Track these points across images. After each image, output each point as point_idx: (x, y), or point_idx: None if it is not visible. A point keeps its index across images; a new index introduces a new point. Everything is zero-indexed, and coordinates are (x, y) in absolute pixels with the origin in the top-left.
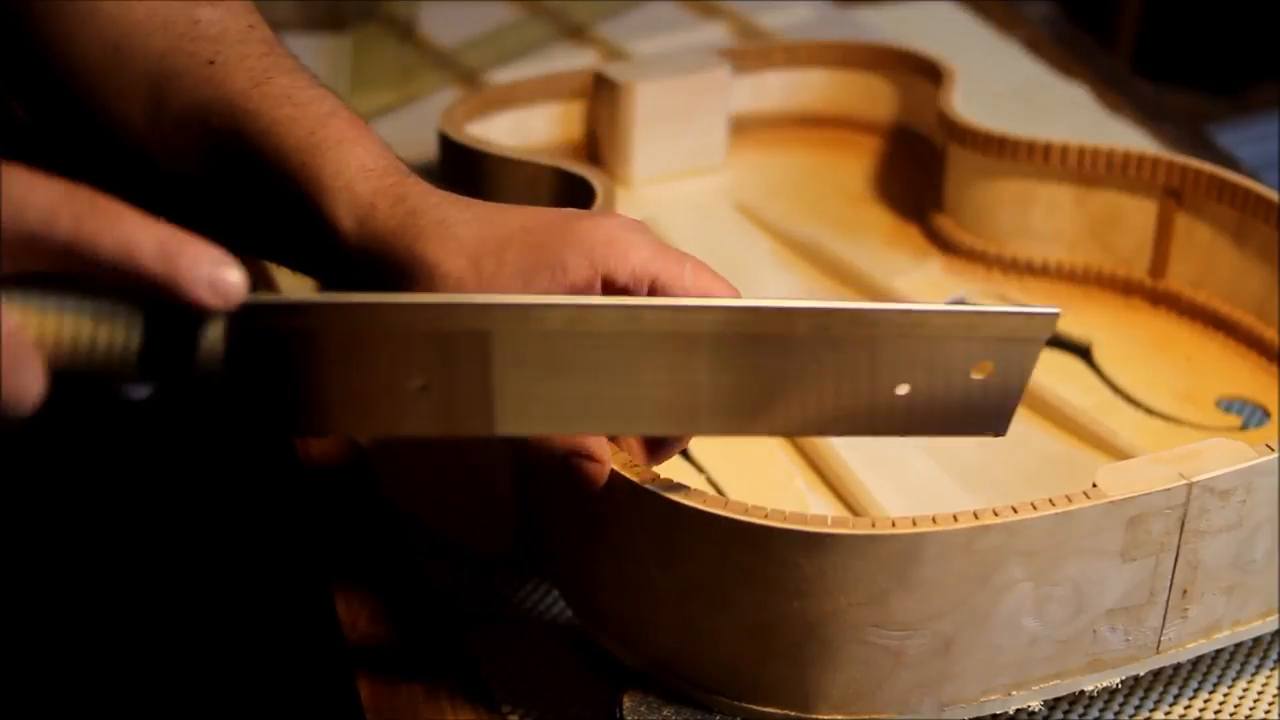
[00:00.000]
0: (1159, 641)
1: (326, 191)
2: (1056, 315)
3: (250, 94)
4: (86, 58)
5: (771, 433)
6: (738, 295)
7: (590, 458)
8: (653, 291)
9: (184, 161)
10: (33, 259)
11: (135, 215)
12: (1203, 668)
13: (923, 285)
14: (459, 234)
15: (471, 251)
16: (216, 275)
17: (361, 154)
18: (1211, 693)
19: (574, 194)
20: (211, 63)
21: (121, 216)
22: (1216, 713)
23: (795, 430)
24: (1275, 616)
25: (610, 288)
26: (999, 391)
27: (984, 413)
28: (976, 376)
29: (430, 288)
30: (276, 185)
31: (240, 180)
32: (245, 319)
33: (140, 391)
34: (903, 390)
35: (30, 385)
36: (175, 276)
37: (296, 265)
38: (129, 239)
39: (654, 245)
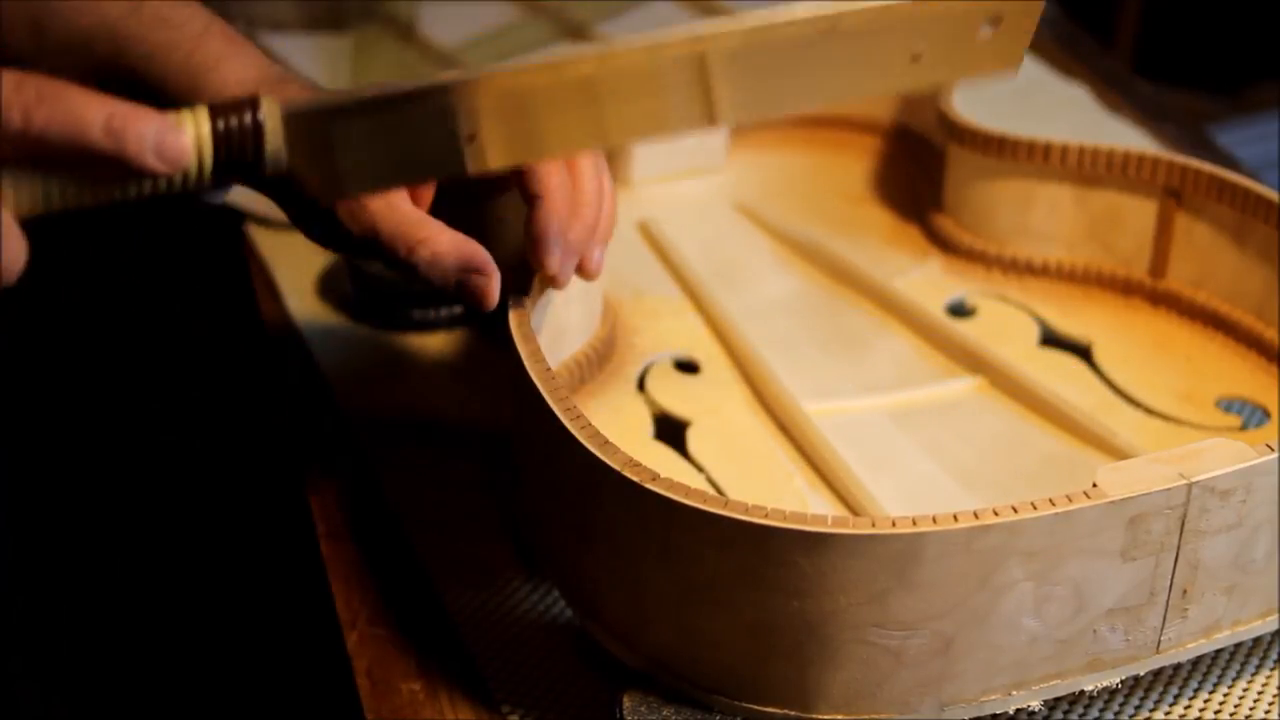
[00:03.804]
0: (1159, 641)
1: None
2: None
3: (128, 20)
4: None
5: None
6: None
7: (479, 271)
8: None
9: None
10: None
11: (81, 94)
12: (1203, 668)
13: (922, 285)
14: None
15: None
16: (162, 142)
17: (239, 70)
18: (1211, 693)
19: None
20: None
21: (68, 97)
22: (1216, 713)
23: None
24: (1275, 616)
25: None
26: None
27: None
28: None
29: None
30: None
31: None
32: (298, 121)
33: (218, 197)
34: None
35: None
36: (123, 150)
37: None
38: (77, 120)
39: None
